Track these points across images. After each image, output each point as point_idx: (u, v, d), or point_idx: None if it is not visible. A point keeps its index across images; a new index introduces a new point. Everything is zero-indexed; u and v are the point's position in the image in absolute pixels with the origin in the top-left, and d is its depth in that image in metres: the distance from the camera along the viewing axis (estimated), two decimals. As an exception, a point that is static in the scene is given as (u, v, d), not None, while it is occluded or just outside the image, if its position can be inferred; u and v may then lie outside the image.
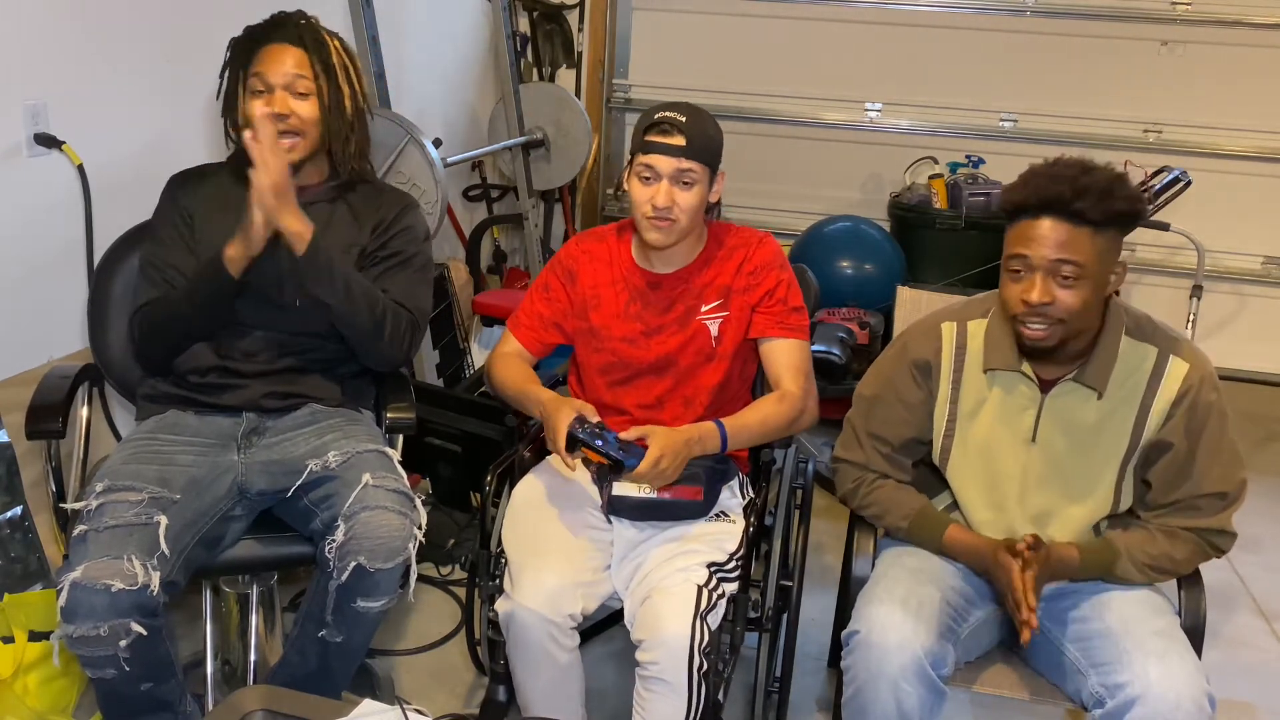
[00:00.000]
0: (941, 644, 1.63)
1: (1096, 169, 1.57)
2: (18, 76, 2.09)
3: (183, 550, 1.71)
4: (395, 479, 1.81)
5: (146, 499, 1.71)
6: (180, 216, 1.96)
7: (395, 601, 1.79)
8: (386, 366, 2.03)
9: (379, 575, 1.72)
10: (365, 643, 1.86)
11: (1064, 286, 1.55)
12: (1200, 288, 3.38)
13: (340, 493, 1.76)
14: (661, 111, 1.85)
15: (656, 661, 1.71)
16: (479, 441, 2.71)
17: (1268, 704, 2.40)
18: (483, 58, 4.13)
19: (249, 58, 1.90)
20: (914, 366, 1.79)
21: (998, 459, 1.74)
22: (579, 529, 1.88)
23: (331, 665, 1.85)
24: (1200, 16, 4.04)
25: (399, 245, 2.00)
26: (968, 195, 3.95)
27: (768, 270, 1.96)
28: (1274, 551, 3.08)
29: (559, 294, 2.04)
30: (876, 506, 1.82)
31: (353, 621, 1.78)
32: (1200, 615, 1.72)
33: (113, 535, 1.64)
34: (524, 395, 1.94)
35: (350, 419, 1.96)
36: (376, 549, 1.70)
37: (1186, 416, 1.65)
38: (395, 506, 1.75)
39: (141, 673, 1.66)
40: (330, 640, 1.80)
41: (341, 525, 1.72)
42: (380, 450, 1.86)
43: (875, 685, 1.60)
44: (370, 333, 1.90)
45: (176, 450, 1.84)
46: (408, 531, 1.75)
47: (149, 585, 1.61)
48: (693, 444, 1.80)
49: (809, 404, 1.94)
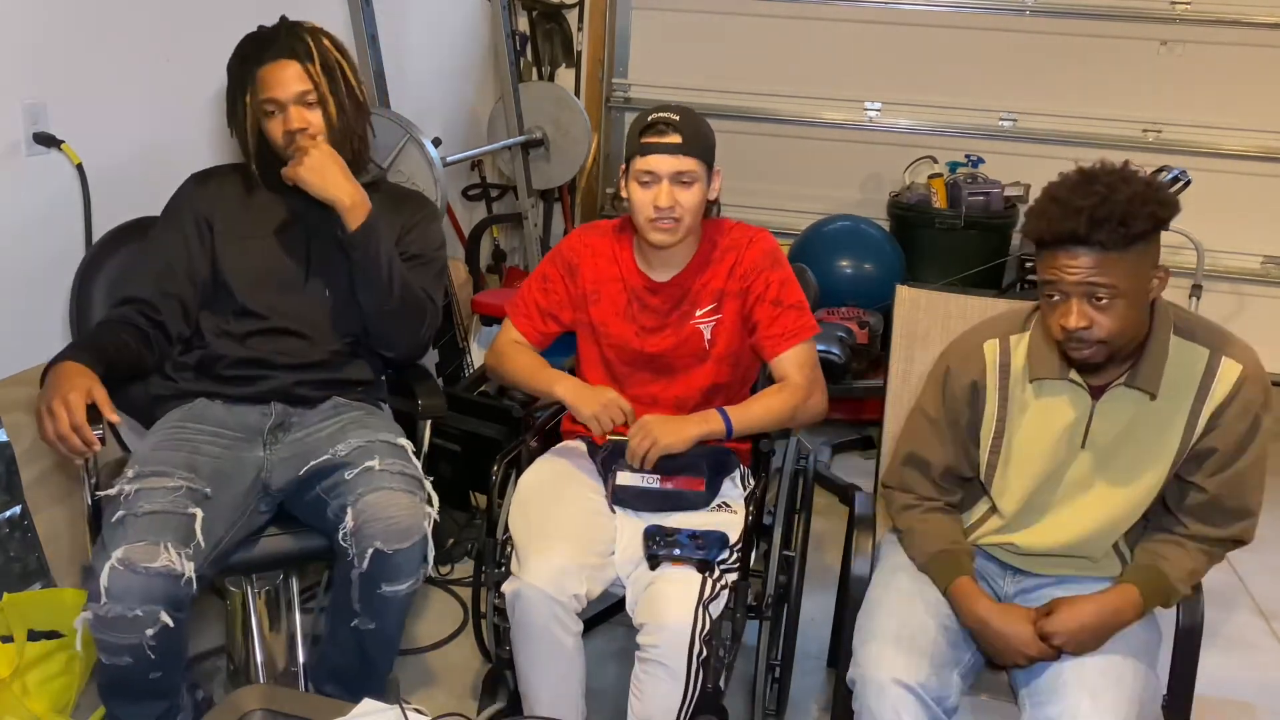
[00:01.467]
0: (942, 675, 1.61)
1: (1116, 186, 1.48)
2: (17, 76, 2.09)
3: (216, 544, 1.73)
4: (404, 464, 1.84)
5: (182, 488, 1.72)
6: (195, 220, 1.98)
7: (420, 583, 1.80)
8: (410, 355, 2.06)
9: (398, 557, 1.73)
10: (399, 627, 1.88)
11: (1100, 309, 1.51)
12: (1200, 287, 3.38)
13: (349, 479, 1.79)
14: (655, 113, 1.89)
15: (657, 645, 1.73)
16: (479, 441, 2.71)
17: (1268, 704, 2.40)
18: (482, 57, 4.12)
19: (251, 80, 1.91)
20: (960, 391, 1.74)
21: (1044, 465, 1.70)
22: (585, 514, 1.91)
23: (370, 654, 1.87)
24: (1200, 16, 4.04)
25: (420, 248, 2.04)
26: (967, 194, 3.95)
27: (758, 273, 1.98)
28: (1274, 551, 3.08)
29: (557, 285, 2.07)
30: (908, 535, 1.80)
31: (381, 607, 1.79)
32: (1199, 615, 1.71)
33: (150, 521, 1.65)
34: (538, 382, 2.01)
35: (369, 412, 2.00)
36: (390, 530, 1.72)
37: (1236, 419, 1.61)
38: (403, 487, 1.78)
39: (156, 662, 1.66)
40: (364, 629, 1.81)
41: (350, 510, 1.74)
42: (393, 441, 1.88)
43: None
44: (404, 316, 1.96)
45: (203, 439, 1.86)
46: (419, 510, 1.77)
47: (184, 575, 1.62)
48: (689, 422, 1.88)
49: (815, 393, 1.98)
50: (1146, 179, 1.52)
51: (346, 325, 2.00)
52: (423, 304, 1.99)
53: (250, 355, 1.95)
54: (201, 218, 1.98)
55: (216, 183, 2.03)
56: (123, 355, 1.84)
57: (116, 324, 1.90)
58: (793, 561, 2.00)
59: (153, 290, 1.93)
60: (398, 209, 2.05)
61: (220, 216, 1.99)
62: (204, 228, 1.98)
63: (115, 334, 1.87)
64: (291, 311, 1.97)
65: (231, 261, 1.97)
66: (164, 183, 2.05)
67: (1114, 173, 1.52)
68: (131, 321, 1.90)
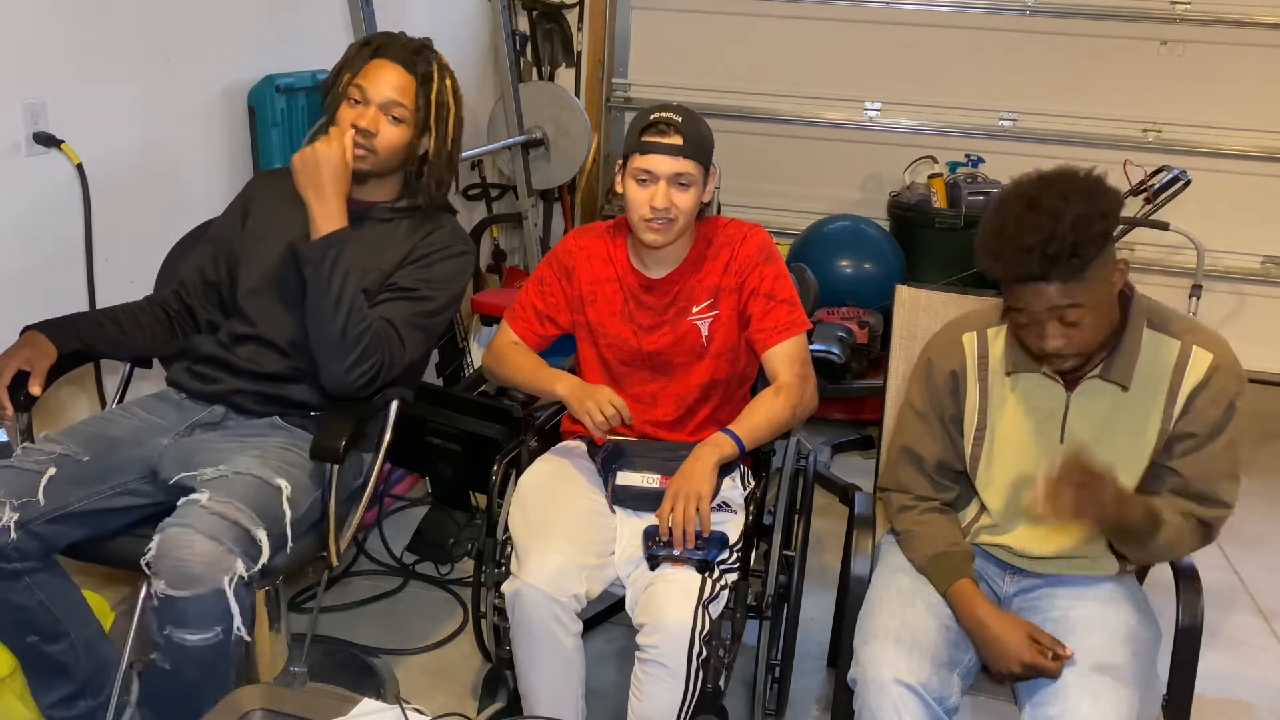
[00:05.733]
0: (943, 675, 1.61)
1: (1059, 211, 1.45)
2: (17, 75, 2.09)
3: (62, 508, 1.68)
4: (238, 509, 1.61)
5: (56, 454, 1.72)
6: (243, 212, 2.00)
7: (225, 639, 1.59)
8: (339, 390, 1.83)
9: (183, 603, 1.55)
10: (196, 683, 1.62)
11: (1072, 326, 1.53)
12: (1200, 287, 3.38)
13: (179, 504, 1.63)
14: (657, 112, 1.89)
15: (657, 645, 1.73)
16: (479, 441, 2.70)
17: (1268, 704, 2.40)
18: (482, 57, 4.12)
19: (361, 63, 1.89)
20: (941, 381, 1.76)
21: (1026, 461, 1.72)
22: (584, 514, 1.91)
23: (167, 696, 1.66)
24: (1200, 16, 4.04)
25: (415, 281, 1.90)
26: (967, 194, 3.95)
27: (752, 267, 1.99)
28: (1274, 551, 3.08)
29: (554, 289, 2.07)
30: (907, 538, 1.80)
31: (173, 651, 1.59)
32: (1199, 615, 1.71)
33: (2, 474, 1.68)
34: (537, 381, 2.01)
35: (295, 439, 1.85)
36: (174, 572, 1.55)
37: (1208, 405, 1.62)
38: (210, 532, 1.57)
39: (9, 617, 1.68)
40: (159, 665, 1.62)
41: (156, 537, 1.59)
42: (267, 480, 1.70)
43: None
44: (339, 347, 1.77)
45: (124, 418, 1.87)
46: (221, 562, 1.56)
47: (4, 526, 1.62)
48: (702, 456, 1.84)
49: (807, 389, 1.98)
50: (1084, 183, 1.51)
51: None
52: (372, 344, 1.79)
53: (219, 355, 1.92)
54: (246, 211, 1.99)
55: (273, 180, 2.02)
56: (98, 335, 1.88)
57: (139, 305, 1.96)
58: (793, 561, 2.00)
59: (194, 274, 1.98)
60: (414, 234, 1.93)
61: (255, 212, 1.99)
62: (239, 216, 2.00)
63: (110, 315, 1.92)
64: (277, 323, 1.90)
65: (245, 260, 1.96)
66: (164, 183, 2.05)
67: (1053, 189, 1.50)
68: (162, 303, 1.97)
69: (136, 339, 1.92)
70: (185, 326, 1.99)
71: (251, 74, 2.65)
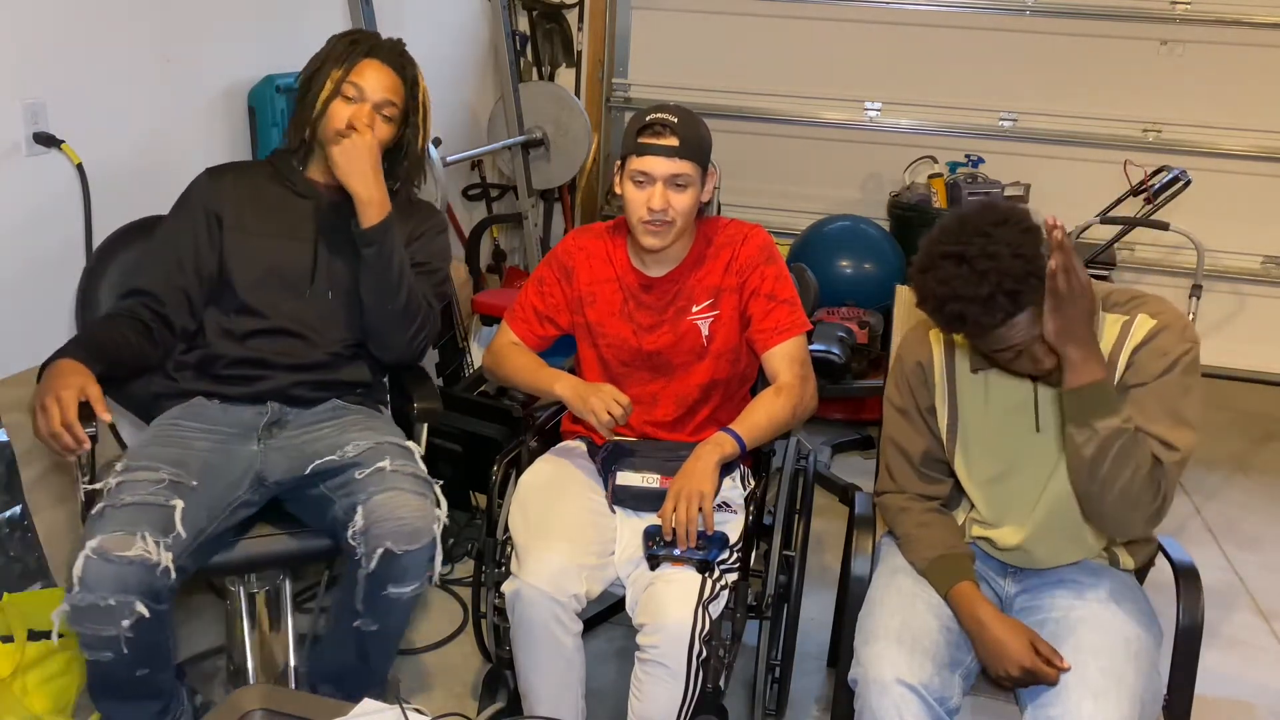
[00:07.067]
0: (944, 675, 1.61)
1: (992, 254, 1.48)
2: (17, 75, 2.09)
3: (198, 536, 1.72)
4: (414, 466, 1.85)
5: (166, 480, 1.72)
6: (205, 214, 1.98)
7: (426, 586, 1.80)
8: (404, 359, 2.05)
9: (407, 559, 1.73)
10: (401, 629, 1.88)
11: (1039, 346, 1.56)
12: (1200, 287, 3.38)
13: (359, 479, 1.80)
14: (653, 113, 1.88)
15: (657, 645, 1.73)
16: (479, 441, 2.71)
17: (1268, 704, 2.40)
18: (482, 57, 4.12)
19: (351, 62, 1.95)
20: (911, 373, 1.80)
21: (1004, 454, 1.74)
22: (584, 513, 1.91)
23: (370, 655, 1.87)
24: (1200, 16, 4.04)
25: (424, 256, 2.06)
26: (967, 194, 3.95)
27: (753, 267, 1.99)
28: (1274, 551, 3.09)
29: (554, 289, 2.07)
30: (906, 541, 1.81)
31: (386, 609, 1.79)
32: (1199, 615, 1.71)
33: (129, 512, 1.65)
34: (537, 380, 2.02)
35: (370, 414, 2.01)
36: (400, 531, 1.72)
37: (1149, 358, 1.62)
38: (413, 489, 1.78)
39: (138, 657, 1.66)
40: (366, 630, 1.81)
41: (360, 509, 1.74)
42: (400, 443, 1.89)
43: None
44: (405, 319, 1.96)
45: (195, 436, 1.86)
46: (429, 513, 1.77)
47: (160, 564, 1.62)
48: (703, 456, 1.84)
49: (807, 390, 1.98)
50: (1003, 213, 1.53)
51: (348, 329, 2.00)
52: (423, 310, 2.00)
53: (249, 355, 1.95)
54: (211, 212, 1.98)
55: (231, 177, 2.03)
56: (123, 352, 1.85)
57: (119, 318, 1.90)
58: (793, 561, 2.00)
59: (159, 282, 1.94)
60: (407, 216, 2.06)
61: (230, 211, 1.99)
62: (213, 222, 1.98)
63: (117, 329, 1.87)
64: (292, 312, 1.97)
65: (236, 258, 1.97)
66: (164, 183, 2.05)
67: (980, 235, 1.50)
68: (135, 315, 1.91)
69: (148, 353, 1.92)
70: (162, 337, 1.95)
71: (251, 74, 2.66)
